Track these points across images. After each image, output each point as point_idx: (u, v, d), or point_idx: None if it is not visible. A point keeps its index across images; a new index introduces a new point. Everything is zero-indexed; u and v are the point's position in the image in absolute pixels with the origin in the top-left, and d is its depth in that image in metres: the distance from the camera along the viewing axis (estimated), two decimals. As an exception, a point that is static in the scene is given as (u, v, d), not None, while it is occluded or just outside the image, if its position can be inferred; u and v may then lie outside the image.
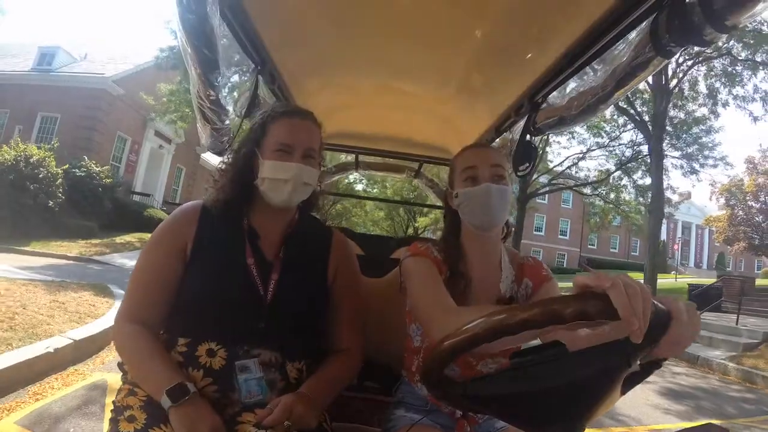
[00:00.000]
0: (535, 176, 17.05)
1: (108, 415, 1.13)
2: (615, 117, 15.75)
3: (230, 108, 1.44)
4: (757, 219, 20.72)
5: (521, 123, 1.73)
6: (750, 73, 13.31)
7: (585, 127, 16.31)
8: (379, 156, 3.03)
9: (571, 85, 1.46)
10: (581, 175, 19.95)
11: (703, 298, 13.07)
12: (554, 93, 1.53)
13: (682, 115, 15.47)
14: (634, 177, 17.65)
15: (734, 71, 13.44)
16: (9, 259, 8.35)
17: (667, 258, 38.31)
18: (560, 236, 37.60)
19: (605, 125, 16.71)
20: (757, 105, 13.61)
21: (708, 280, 18.95)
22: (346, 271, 1.29)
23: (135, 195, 18.48)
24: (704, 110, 14.86)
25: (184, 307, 1.10)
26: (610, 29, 1.13)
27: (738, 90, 13.67)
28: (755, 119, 13.68)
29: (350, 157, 3.28)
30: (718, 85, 13.81)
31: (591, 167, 20.15)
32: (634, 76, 1.15)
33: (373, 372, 1.59)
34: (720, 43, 11.87)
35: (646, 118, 14.50)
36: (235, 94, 1.62)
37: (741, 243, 21.92)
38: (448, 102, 1.92)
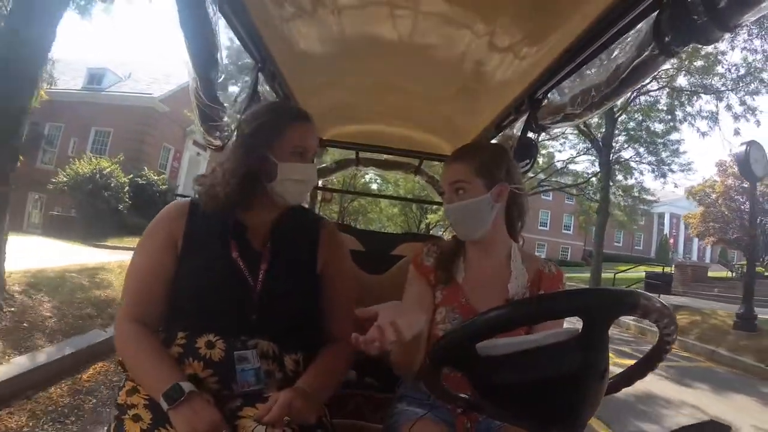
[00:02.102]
0: (531, 176, 19.34)
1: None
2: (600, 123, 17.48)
3: (227, 105, 1.41)
4: (730, 216, 21.98)
5: (522, 120, 1.69)
6: (695, 98, 15.50)
7: (576, 132, 17.82)
8: (379, 153, 2.96)
9: (574, 82, 1.41)
10: (571, 176, 21.52)
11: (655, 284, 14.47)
12: (557, 90, 1.49)
13: (657, 126, 17.49)
14: (617, 179, 19.25)
15: (688, 93, 15.57)
16: (105, 252, 9.61)
17: (670, 252, 39.74)
18: (564, 231, 37.99)
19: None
20: (704, 122, 15.87)
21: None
22: (336, 261, 1.24)
23: (178, 197, 20.48)
24: (664, 125, 17.16)
25: (180, 302, 1.07)
26: (612, 26, 1.09)
27: (689, 109, 15.90)
28: (703, 135, 15.95)
29: (350, 154, 3.18)
30: (676, 103, 16.01)
31: (579, 169, 21.41)
32: (636, 74, 1.10)
33: (374, 368, 1.54)
34: (662, 75, 14.15)
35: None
36: (235, 89, 1.51)
37: (711, 237, 23.55)
38: (449, 99, 1.85)
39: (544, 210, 36.57)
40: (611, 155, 16.80)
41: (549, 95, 1.56)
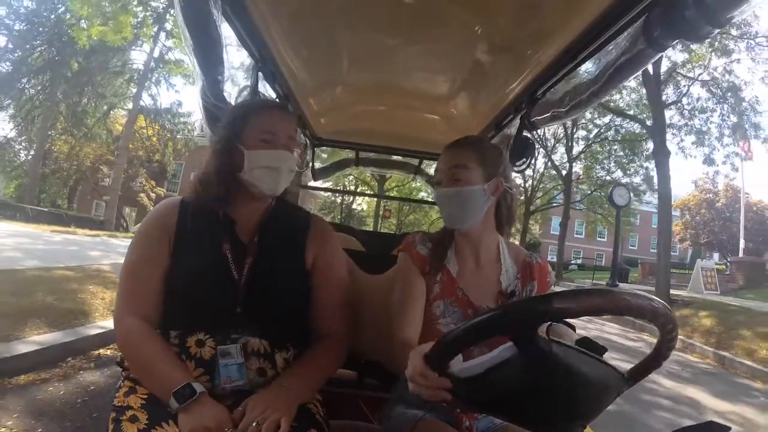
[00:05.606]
0: (551, 194, 21.76)
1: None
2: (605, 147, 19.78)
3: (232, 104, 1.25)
4: (702, 224, 23.83)
5: (518, 119, 1.51)
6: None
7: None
8: (379, 152, 2.71)
9: (565, 80, 1.25)
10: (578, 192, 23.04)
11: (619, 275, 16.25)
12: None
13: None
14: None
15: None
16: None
17: (704, 257, 36.65)
18: (599, 238, 35.33)
19: (598, 155, 20.25)
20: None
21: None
22: (326, 256, 1.06)
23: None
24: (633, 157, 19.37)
25: (171, 299, 0.94)
26: (609, 26, 0.97)
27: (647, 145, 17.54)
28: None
29: (350, 153, 2.92)
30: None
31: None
32: (626, 70, 0.99)
33: (373, 369, 1.38)
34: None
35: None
36: (236, 90, 1.48)
37: (687, 242, 26.25)
38: (448, 99, 1.69)
39: (579, 219, 34.81)
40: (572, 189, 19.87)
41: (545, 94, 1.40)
